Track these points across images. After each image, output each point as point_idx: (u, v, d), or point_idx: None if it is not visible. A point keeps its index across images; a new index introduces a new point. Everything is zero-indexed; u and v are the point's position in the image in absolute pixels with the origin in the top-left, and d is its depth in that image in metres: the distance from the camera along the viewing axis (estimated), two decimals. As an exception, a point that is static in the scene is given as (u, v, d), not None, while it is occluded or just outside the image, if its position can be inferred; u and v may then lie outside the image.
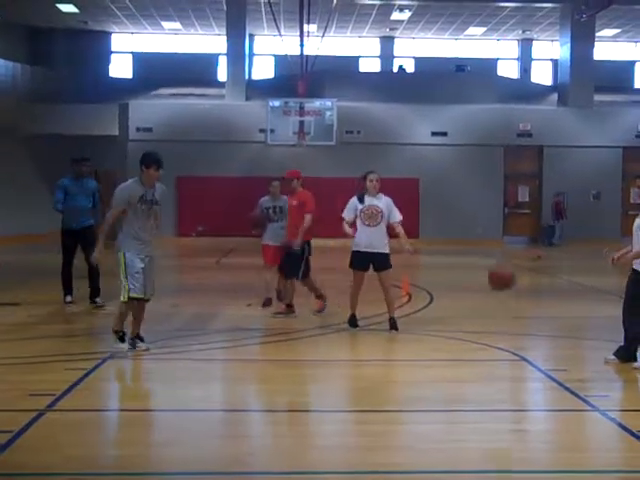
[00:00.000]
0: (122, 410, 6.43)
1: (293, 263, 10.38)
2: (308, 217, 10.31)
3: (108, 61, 31.58)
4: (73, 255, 11.15)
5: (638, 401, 6.96)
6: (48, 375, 7.10)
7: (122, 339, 8.14)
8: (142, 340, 8.29)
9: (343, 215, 9.61)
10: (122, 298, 7.99)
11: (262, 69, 31.27)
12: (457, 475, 4.83)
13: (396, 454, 5.22)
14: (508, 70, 31.75)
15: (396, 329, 9.46)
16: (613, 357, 7.67)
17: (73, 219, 11.02)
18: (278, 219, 11.00)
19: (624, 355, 7.61)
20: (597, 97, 26.09)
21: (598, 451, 5.36)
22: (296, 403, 6.50)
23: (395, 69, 30.44)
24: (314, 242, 10.59)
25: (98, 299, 11.03)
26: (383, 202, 9.54)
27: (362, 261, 9.52)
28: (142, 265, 7.94)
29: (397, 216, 9.60)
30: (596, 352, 7.95)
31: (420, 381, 7.25)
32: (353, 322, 9.68)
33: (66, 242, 11.15)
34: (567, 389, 6.81)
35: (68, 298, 11.13)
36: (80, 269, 11.07)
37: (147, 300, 8.22)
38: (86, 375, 7.10)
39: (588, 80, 25.82)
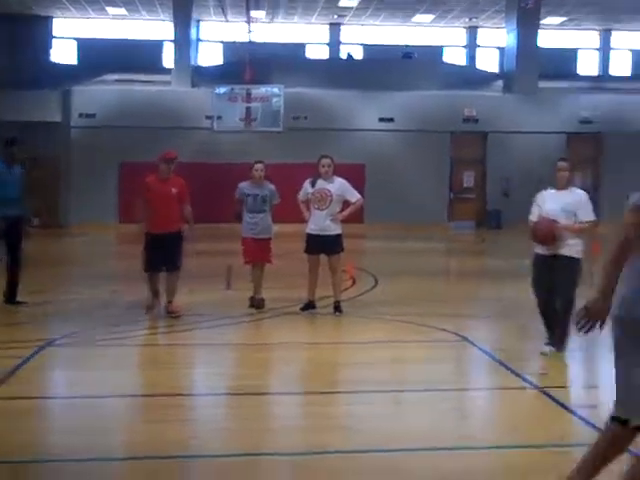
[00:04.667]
0: (61, 397, 6.32)
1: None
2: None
3: (50, 46, 30.96)
4: None
5: (575, 378, 7.16)
6: (-15, 363, 6.95)
7: None
8: None
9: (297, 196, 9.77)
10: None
11: (210, 55, 30.96)
12: (400, 453, 4.85)
13: (337, 435, 5.22)
14: (455, 57, 31.93)
15: (340, 312, 9.49)
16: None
17: (1, 209, 9.60)
18: (260, 210, 9.79)
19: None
20: (542, 84, 26.38)
21: (538, 427, 5.43)
22: (241, 386, 6.47)
23: (343, 56, 30.41)
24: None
25: (18, 297, 9.85)
26: (335, 185, 9.55)
27: (314, 245, 9.55)
28: None
29: (354, 195, 9.67)
30: (536, 332, 8.03)
31: (364, 363, 7.26)
32: (307, 308, 9.60)
33: None
34: (508, 368, 6.90)
35: None
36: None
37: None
38: (23, 363, 6.95)
39: (533, 67, 26.08)
